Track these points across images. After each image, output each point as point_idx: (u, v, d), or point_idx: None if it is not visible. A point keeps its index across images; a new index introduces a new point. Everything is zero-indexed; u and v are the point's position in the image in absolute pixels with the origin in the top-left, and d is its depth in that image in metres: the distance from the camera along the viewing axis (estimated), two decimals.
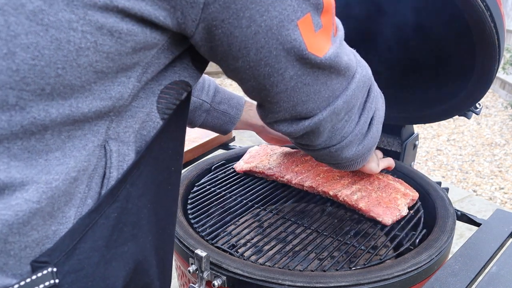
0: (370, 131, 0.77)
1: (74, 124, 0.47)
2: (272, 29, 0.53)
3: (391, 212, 1.03)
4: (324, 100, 0.65)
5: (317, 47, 0.58)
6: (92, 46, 0.45)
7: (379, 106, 0.78)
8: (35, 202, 0.46)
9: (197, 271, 0.87)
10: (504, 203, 3.29)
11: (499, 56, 0.97)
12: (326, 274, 0.85)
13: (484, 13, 0.89)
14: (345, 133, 0.73)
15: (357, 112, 0.73)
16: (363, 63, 0.72)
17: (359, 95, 0.70)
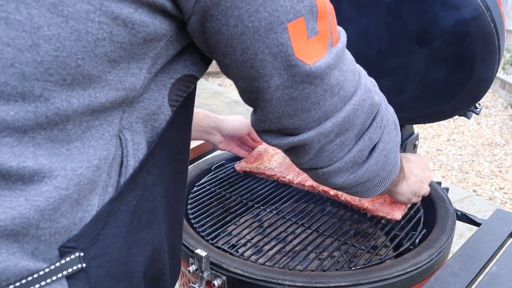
0: (368, 162, 0.69)
1: (92, 115, 0.49)
2: (259, 31, 0.51)
3: (398, 207, 1.03)
4: (314, 120, 0.60)
5: (307, 54, 0.54)
6: (108, 37, 0.47)
7: (386, 138, 0.70)
8: (64, 189, 0.48)
9: (197, 271, 0.88)
10: (504, 203, 3.29)
11: (499, 56, 0.97)
12: (326, 274, 0.85)
13: (484, 13, 0.89)
14: (335, 158, 0.66)
15: (353, 139, 0.65)
16: (367, 87, 0.64)
17: (355, 120, 0.63)
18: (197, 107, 1.20)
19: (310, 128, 0.60)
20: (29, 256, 0.47)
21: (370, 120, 0.65)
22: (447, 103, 1.17)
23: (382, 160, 0.70)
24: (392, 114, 0.72)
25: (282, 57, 0.53)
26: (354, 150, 0.66)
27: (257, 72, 0.54)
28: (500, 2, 0.93)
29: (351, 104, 0.61)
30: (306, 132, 0.61)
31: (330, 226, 1.07)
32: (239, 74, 0.56)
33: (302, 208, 1.15)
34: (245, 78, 0.56)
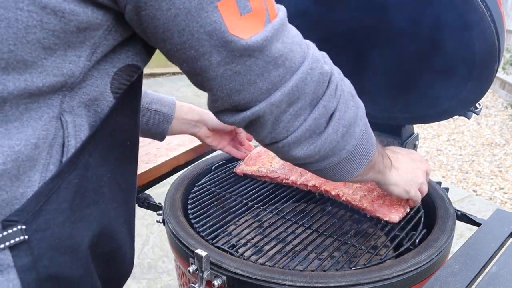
0: (326, 131, 0.69)
1: (30, 98, 0.53)
2: (191, 11, 0.54)
3: (396, 210, 1.03)
4: (263, 92, 0.62)
5: (241, 30, 0.57)
6: (39, 24, 0.50)
7: (343, 107, 0.70)
8: (1, 164, 0.52)
9: (197, 271, 0.88)
10: (504, 203, 3.29)
11: (499, 56, 0.97)
12: (326, 274, 0.85)
13: (484, 13, 0.89)
14: (291, 127, 0.67)
15: (307, 108, 0.67)
16: (315, 57, 0.66)
17: (305, 89, 0.65)
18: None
19: (261, 100, 0.63)
20: None
21: (323, 89, 0.67)
22: (447, 103, 1.17)
23: (342, 130, 0.70)
24: (348, 85, 0.73)
25: (217, 34, 0.56)
26: (310, 118, 0.67)
27: (196, 52, 0.57)
28: (500, 2, 0.93)
29: (298, 74, 0.63)
30: (257, 104, 0.63)
31: (330, 226, 1.07)
32: (181, 58, 0.59)
33: (302, 208, 1.15)
34: (187, 60, 0.59)
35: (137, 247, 2.59)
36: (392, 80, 1.31)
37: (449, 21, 1.02)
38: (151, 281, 2.33)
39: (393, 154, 0.94)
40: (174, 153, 1.32)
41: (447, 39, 1.10)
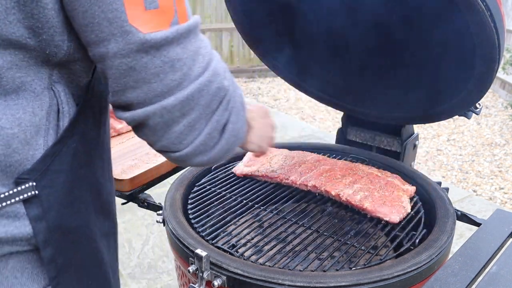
0: (219, 144, 0.71)
1: (21, 71, 0.60)
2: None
3: (397, 210, 1.03)
4: (157, 94, 0.62)
5: (142, 23, 0.58)
6: (16, 6, 0.56)
7: (235, 119, 0.72)
8: (8, 128, 0.60)
9: (197, 271, 0.88)
10: (504, 203, 3.29)
11: (499, 56, 0.97)
12: (326, 274, 0.85)
13: (484, 13, 0.89)
14: (184, 141, 0.68)
15: (201, 121, 0.67)
16: (216, 71, 0.67)
17: (200, 100, 0.65)
18: None
19: (154, 102, 0.63)
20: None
21: (217, 103, 0.68)
22: (447, 103, 1.17)
23: (233, 140, 0.73)
24: (239, 95, 0.75)
25: (116, 22, 0.57)
26: (204, 133, 0.68)
27: (96, 37, 0.59)
28: (500, 2, 0.93)
29: (196, 84, 0.64)
30: (149, 106, 0.63)
31: (330, 227, 1.07)
32: (85, 40, 0.60)
33: (302, 208, 1.15)
34: (89, 43, 0.60)
35: (137, 247, 2.59)
36: (392, 80, 1.31)
37: (449, 21, 1.02)
38: (151, 281, 2.32)
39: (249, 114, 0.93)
40: None
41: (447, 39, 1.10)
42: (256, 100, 6.05)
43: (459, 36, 1.01)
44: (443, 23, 1.07)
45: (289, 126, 4.77)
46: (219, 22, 7.09)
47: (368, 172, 1.19)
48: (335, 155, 1.41)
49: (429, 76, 1.23)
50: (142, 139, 0.71)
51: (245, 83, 6.99)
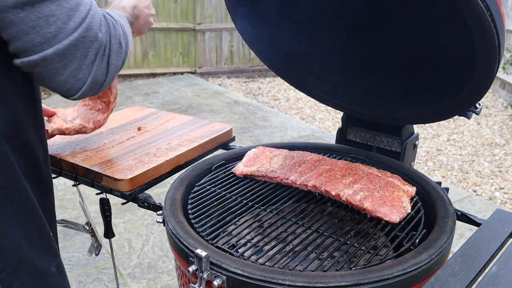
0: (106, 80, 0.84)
1: None
2: None
3: (397, 210, 1.03)
4: (36, 44, 0.72)
5: None
6: None
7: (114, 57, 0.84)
8: None
9: (197, 271, 0.87)
10: (504, 203, 3.29)
11: (499, 56, 0.97)
12: (326, 274, 0.85)
13: (484, 13, 0.89)
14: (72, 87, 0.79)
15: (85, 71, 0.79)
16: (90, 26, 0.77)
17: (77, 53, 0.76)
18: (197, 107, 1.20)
19: (35, 51, 0.73)
20: None
21: (94, 54, 0.78)
22: (447, 103, 1.17)
23: (117, 66, 0.85)
24: (118, 34, 0.85)
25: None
26: (89, 81, 0.80)
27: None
28: (500, 2, 0.93)
29: (71, 38, 0.74)
30: (31, 55, 0.73)
31: (330, 227, 1.07)
32: None
33: (302, 208, 1.15)
34: None
35: (137, 247, 2.59)
36: (392, 80, 1.31)
37: (449, 21, 1.02)
38: (151, 281, 2.33)
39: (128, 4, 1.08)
40: (174, 153, 1.32)
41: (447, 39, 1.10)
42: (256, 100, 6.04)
43: (459, 36, 1.01)
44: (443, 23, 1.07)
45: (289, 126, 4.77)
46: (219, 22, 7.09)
47: (368, 172, 1.19)
48: (335, 155, 1.41)
49: (429, 76, 1.23)
50: (41, 85, 0.82)
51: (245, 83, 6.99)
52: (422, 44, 1.19)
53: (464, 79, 1.07)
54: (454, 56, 1.09)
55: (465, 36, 0.96)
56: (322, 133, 4.56)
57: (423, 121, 1.31)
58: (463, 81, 1.08)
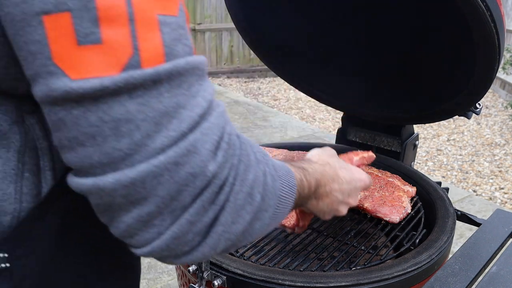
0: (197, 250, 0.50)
1: None
2: (14, 19, 0.41)
3: (397, 210, 1.03)
4: (93, 164, 0.44)
5: (72, 63, 0.41)
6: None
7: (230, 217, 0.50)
8: None
9: (197, 271, 0.87)
10: (504, 203, 3.29)
11: (499, 56, 0.97)
12: (326, 274, 0.85)
13: (484, 13, 0.89)
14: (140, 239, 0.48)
15: (163, 217, 0.46)
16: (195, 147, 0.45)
17: (159, 191, 0.45)
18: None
19: (90, 173, 0.44)
20: None
21: (191, 196, 0.46)
22: (447, 103, 1.17)
23: (225, 244, 0.51)
24: (251, 181, 0.51)
25: (39, 58, 0.41)
26: (167, 236, 0.47)
27: (26, 73, 0.43)
28: (500, 2, 0.93)
29: (152, 163, 0.43)
30: (84, 177, 0.45)
31: (330, 227, 1.07)
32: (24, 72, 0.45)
33: None
34: (25, 79, 0.44)
35: None
36: (392, 80, 1.31)
37: (449, 21, 1.02)
38: (151, 281, 2.32)
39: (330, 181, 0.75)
40: None
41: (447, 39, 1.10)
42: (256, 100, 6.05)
43: (459, 36, 1.01)
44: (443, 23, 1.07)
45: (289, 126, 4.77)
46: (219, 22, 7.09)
47: (368, 172, 1.19)
48: None
49: (429, 76, 1.23)
50: None
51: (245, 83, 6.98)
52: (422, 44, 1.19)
53: (464, 79, 1.07)
54: (454, 56, 1.09)
55: (465, 36, 0.96)
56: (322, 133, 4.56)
57: (423, 121, 1.31)
58: (463, 81, 1.08)
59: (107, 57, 0.41)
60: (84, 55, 0.41)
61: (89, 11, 0.40)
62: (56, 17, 0.40)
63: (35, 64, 0.41)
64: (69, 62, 0.41)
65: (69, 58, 0.41)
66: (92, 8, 0.40)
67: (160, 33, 0.43)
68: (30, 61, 0.42)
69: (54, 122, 0.44)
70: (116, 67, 0.41)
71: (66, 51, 0.40)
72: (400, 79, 1.30)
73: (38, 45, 0.41)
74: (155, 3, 0.43)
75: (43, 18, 0.40)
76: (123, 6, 0.41)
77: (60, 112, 0.42)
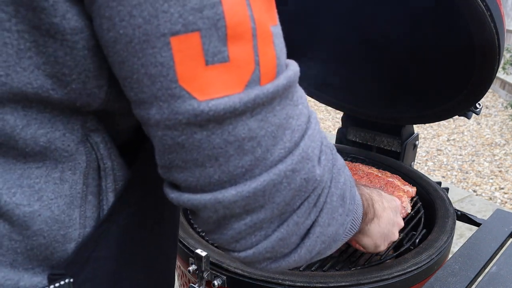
0: (296, 252, 0.51)
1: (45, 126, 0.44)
2: (132, 41, 0.38)
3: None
4: (213, 182, 0.44)
5: (199, 85, 0.39)
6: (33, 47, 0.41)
7: (326, 220, 0.51)
8: (26, 205, 0.45)
9: (197, 271, 0.87)
10: (504, 203, 3.29)
11: (499, 56, 0.97)
12: (326, 274, 0.85)
13: (484, 13, 0.89)
14: (244, 242, 0.48)
15: (273, 221, 0.47)
16: (306, 154, 0.46)
17: (275, 197, 0.45)
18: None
19: (206, 190, 0.44)
20: (8, 267, 0.46)
21: (301, 200, 0.47)
22: (447, 103, 1.17)
23: (320, 248, 0.53)
24: (342, 184, 0.53)
25: (161, 81, 0.39)
26: (274, 237, 0.48)
27: (136, 96, 0.41)
28: (500, 2, 0.93)
29: (271, 173, 0.44)
30: (199, 193, 0.44)
31: None
32: (126, 93, 0.43)
33: None
34: (131, 100, 0.43)
35: None
36: (392, 80, 1.31)
37: (449, 21, 1.02)
38: None
39: (379, 198, 0.76)
40: None
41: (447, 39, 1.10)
42: None
43: (459, 36, 1.01)
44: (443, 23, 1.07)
45: None
46: None
47: (368, 172, 1.19)
48: None
49: (429, 76, 1.23)
50: None
51: None
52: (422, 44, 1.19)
53: (464, 79, 1.07)
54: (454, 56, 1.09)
55: (465, 36, 0.96)
56: None
57: (423, 121, 1.31)
58: (463, 81, 1.08)
59: (232, 75, 0.40)
60: (211, 75, 0.39)
61: (219, 29, 0.39)
62: (185, 37, 0.38)
63: (154, 87, 0.40)
64: (196, 84, 0.39)
65: (196, 79, 0.39)
66: (221, 26, 0.39)
67: (273, 45, 0.43)
68: (147, 84, 0.40)
69: (169, 145, 0.42)
70: (240, 84, 0.40)
71: (194, 72, 0.39)
72: (400, 79, 1.30)
73: (161, 67, 0.39)
74: (268, 15, 0.42)
75: (170, 40, 0.38)
76: (248, 22, 0.40)
77: (179, 137, 0.41)
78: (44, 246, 0.46)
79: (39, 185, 0.45)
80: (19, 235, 0.45)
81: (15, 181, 0.44)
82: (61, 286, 0.47)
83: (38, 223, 0.45)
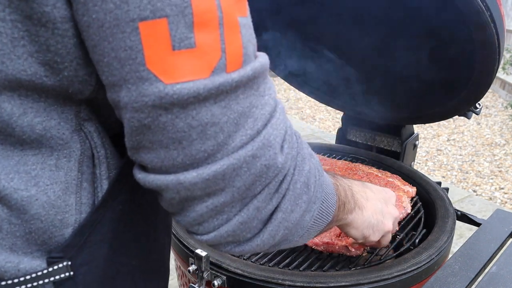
0: (259, 236, 0.53)
1: (41, 115, 0.46)
2: (103, 25, 0.40)
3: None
4: (175, 164, 0.45)
5: (165, 68, 0.41)
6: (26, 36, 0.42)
7: (289, 206, 0.53)
8: (23, 190, 0.47)
9: (197, 271, 0.87)
10: (504, 203, 3.29)
11: (499, 56, 0.97)
12: (326, 274, 0.85)
13: (484, 13, 0.89)
14: (207, 225, 0.50)
15: (234, 205, 0.49)
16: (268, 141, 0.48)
17: (236, 182, 0.47)
18: None
19: (170, 172, 0.46)
20: (8, 251, 0.49)
21: (262, 185, 0.49)
22: (447, 103, 1.17)
23: (283, 233, 0.54)
24: (307, 172, 0.54)
25: (129, 64, 0.41)
26: (234, 221, 0.50)
27: (107, 79, 0.43)
28: (500, 2, 0.93)
29: (232, 158, 0.46)
30: (163, 174, 0.46)
31: None
32: (100, 77, 0.45)
33: None
34: (104, 84, 0.45)
35: None
36: (392, 80, 1.31)
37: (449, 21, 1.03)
38: None
39: (363, 190, 0.77)
40: None
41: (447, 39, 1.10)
42: None
43: (459, 36, 1.01)
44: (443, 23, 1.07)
45: None
46: None
47: (368, 172, 1.19)
48: (335, 155, 1.41)
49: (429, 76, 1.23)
50: None
51: None
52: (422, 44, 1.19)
53: (464, 79, 1.07)
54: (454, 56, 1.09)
55: (465, 36, 0.97)
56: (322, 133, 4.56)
57: (423, 121, 1.31)
58: (463, 82, 1.08)
59: (199, 60, 0.42)
60: (177, 60, 0.41)
61: (186, 16, 0.41)
62: (153, 23, 0.40)
63: (123, 70, 0.42)
64: (162, 67, 0.41)
65: (163, 63, 0.41)
66: (188, 13, 0.41)
67: (240, 35, 0.44)
68: (116, 67, 0.42)
69: (136, 127, 0.44)
70: (206, 70, 0.42)
71: (161, 56, 0.41)
72: (400, 79, 1.30)
73: (130, 51, 0.41)
74: (236, 5, 0.44)
75: (139, 25, 0.40)
76: (215, 11, 0.42)
77: (146, 119, 0.43)
78: (42, 230, 0.49)
79: (35, 171, 0.48)
80: (17, 219, 0.48)
81: (13, 167, 0.47)
82: (59, 268, 0.50)
83: (36, 207, 0.48)
